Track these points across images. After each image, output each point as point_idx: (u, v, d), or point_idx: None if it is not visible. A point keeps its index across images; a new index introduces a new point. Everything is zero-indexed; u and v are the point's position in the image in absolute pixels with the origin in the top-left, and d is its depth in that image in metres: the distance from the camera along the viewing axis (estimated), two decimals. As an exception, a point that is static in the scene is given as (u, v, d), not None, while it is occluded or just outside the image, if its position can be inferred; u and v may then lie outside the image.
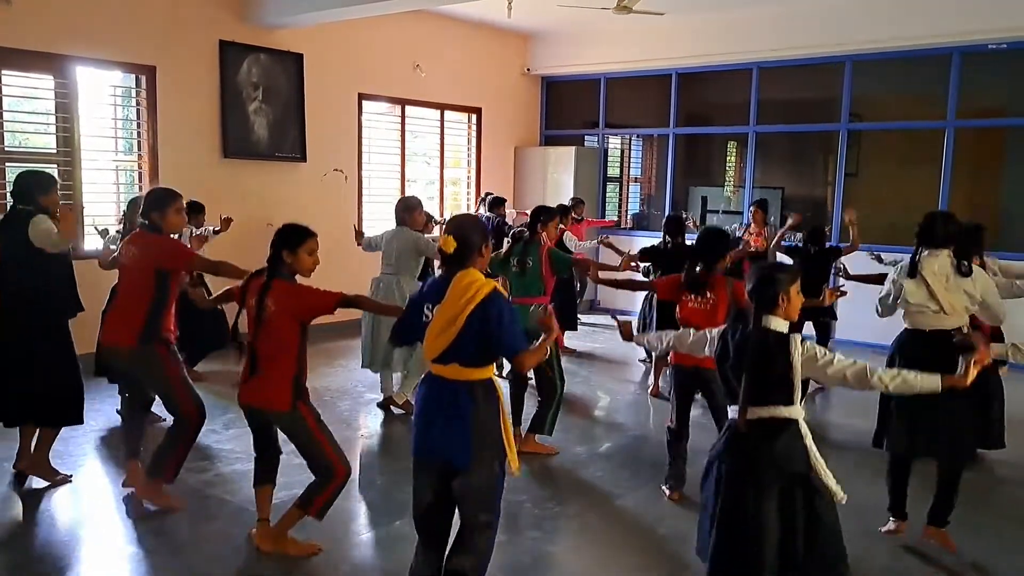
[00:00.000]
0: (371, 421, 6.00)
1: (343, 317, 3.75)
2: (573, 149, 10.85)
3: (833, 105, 9.15)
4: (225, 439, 5.26)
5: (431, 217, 7.69)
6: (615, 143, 11.74)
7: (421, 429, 2.95)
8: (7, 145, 6.65)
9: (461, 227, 2.95)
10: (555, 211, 5.69)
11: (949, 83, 8.30)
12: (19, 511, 4.27)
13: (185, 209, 4.31)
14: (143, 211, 4.13)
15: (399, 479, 4.57)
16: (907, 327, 4.08)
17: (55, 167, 6.87)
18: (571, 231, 8.14)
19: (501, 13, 7.79)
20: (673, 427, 4.55)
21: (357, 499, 4.51)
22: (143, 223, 4.13)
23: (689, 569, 3.70)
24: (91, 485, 4.63)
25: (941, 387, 2.95)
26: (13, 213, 4.36)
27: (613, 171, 11.68)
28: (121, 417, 5.62)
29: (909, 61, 8.73)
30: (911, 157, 9.55)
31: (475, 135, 10.73)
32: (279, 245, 3.58)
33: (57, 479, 4.52)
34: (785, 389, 2.91)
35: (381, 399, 6.15)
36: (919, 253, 3.95)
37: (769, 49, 9.12)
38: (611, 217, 11.33)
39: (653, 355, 7.14)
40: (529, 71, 11.14)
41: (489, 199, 9.12)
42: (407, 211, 5.99)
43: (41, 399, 4.40)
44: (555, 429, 5.29)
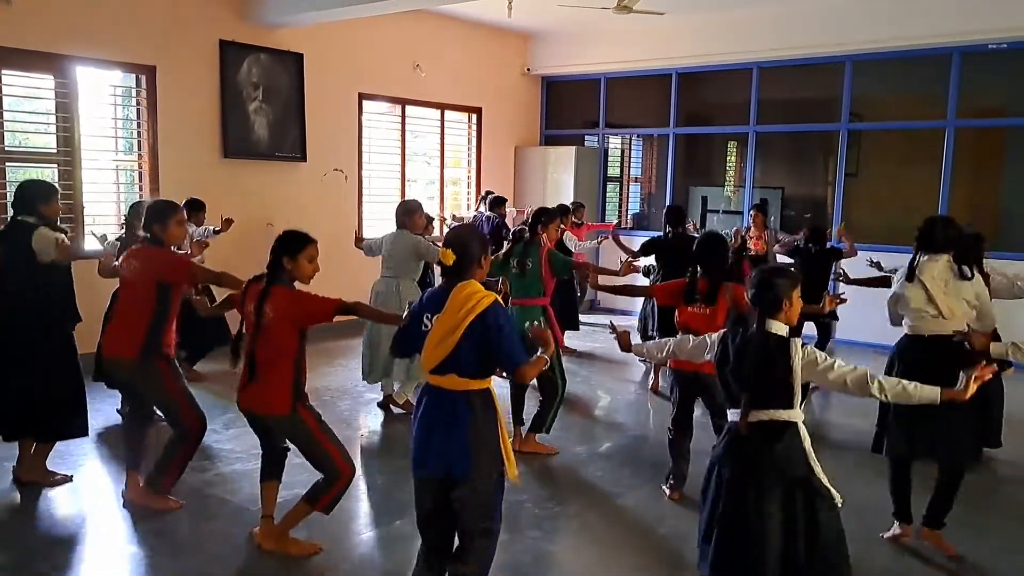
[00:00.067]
0: (371, 421, 6.00)
1: (343, 317, 3.74)
2: (573, 149, 10.85)
3: (833, 105, 9.15)
4: (225, 439, 5.27)
5: (431, 219, 7.70)
6: (615, 143, 11.74)
7: (420, 440, 2.95)
8: (7, 145, 6.64)
9: (460, 239, 2.96)
10: (555, 212, 5.68)
11: (949, 83, 8.31)
12: (19, 511, 4.27)
13: (186, 214, 4.30)
14: (145, 224, 4.12)
15: (399, 479, 4.57)
16: (907, 332, 4.08)
17: (55, 167, 6.88)
18: (571, 234, 8.15)
19: (501, 13, 7.79)
20: (674, 428, 4.55)
21: (357, 498, 4.51)
22: (145, 236, 4.13)
23: (689, 569, 3.70)
24: (91, 485, 4.63)
25: (940, 399, 2.96)
26: (15, 223, 4.36)
27: (613, 171, 11.68)
28: (121, 417, 5.64)
29: (909, 61, 8.73)
30: (911, 157, 9.54)
31: (475, 135, 10.73)
32: (279, 251, 3.57)
33: (56, 480, 4.52)
34: (785, 392, 2.92)
35: (381, 399, 6.16)
36: (918, 258, 3.94)
37: (769, 49, 9.12)
38: (611, 219, 11.33)
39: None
40: (529, 71, 11.15)
41: (490, 198, 9.12)
42: (407, 214, 5.98)
43: (42, 410, 4.39)
44: (555, 429, 5.30)
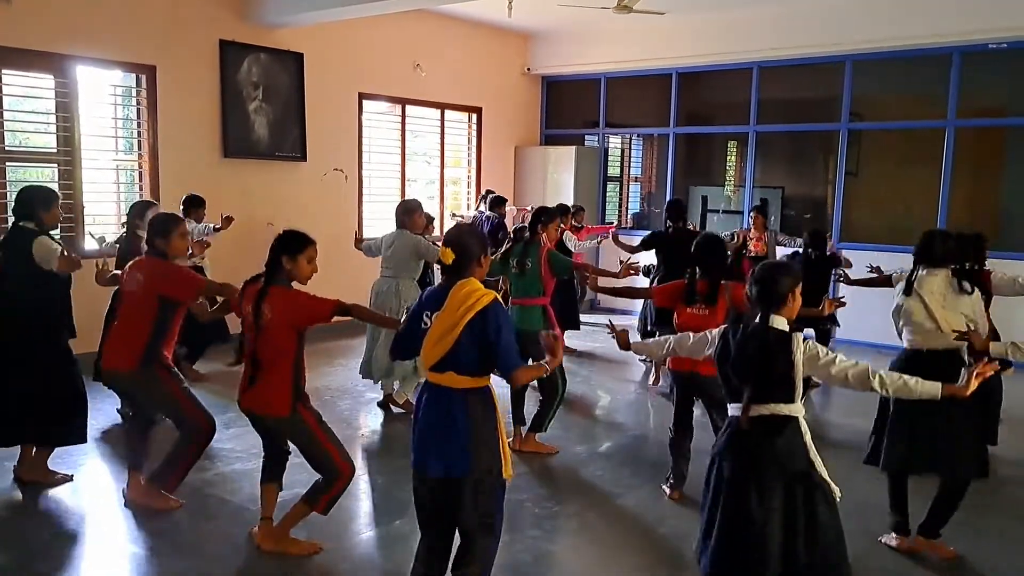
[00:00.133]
0: (371, 420, 6.00)
1: (343, 317, 3.74)
2: (573, 149, 10.85)
3: (833, 104, 9.15)
4: (225, 439, 5.26)
5: (432, 219, 7.70)
6: (615, 143, 11.74)
7: (419, 438, 2.94)
8: (7, 144, 6.64)
9: (460, 238, 2.95)
10: (555, 212, 5.68)
11: (949, 83, 8.31)
12: (20, 510, 4.27)
13: (187, 226, 4.30)
14: (148, 238, 4.12)
15: (399, 478, 4.57)
16: (906, 347, 4.05)
17: (55, 167, 6.88)
18: (571, 234, 8.14)
19: (501, 13, 7.79)
20: (674, 428, 4.55)
21: (357, 498, 4.51)
22: (147, 250, 4.12)
23: (689, 569, 3.70)
24: (92, 484, 4.63)
25: (941, 395, 2.96)
26: (16, 230, 4.36)
27: (613, 171, 11.69)
28: (121, 417, 5.64)
29: (909, 61, 8.73)
30: (911, 157, 9.54)
31: (475, 135, 10.73)
32: (279, 250, 3.57)
33: (57, 479, 4.52)
34: (786, 387, 2.93)
35: (381, 398, 6.16)
36: (917, 271, 3.93)
37: (769, 49, 9.12)
38: (611, 219, 11.33)
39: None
40: (529, 70, 11.14)
41: (490, 198, 9.12)
42: (407, 214, 5.98)
43: (40, 415, 4.39)
44: (555, 428, 5.30)
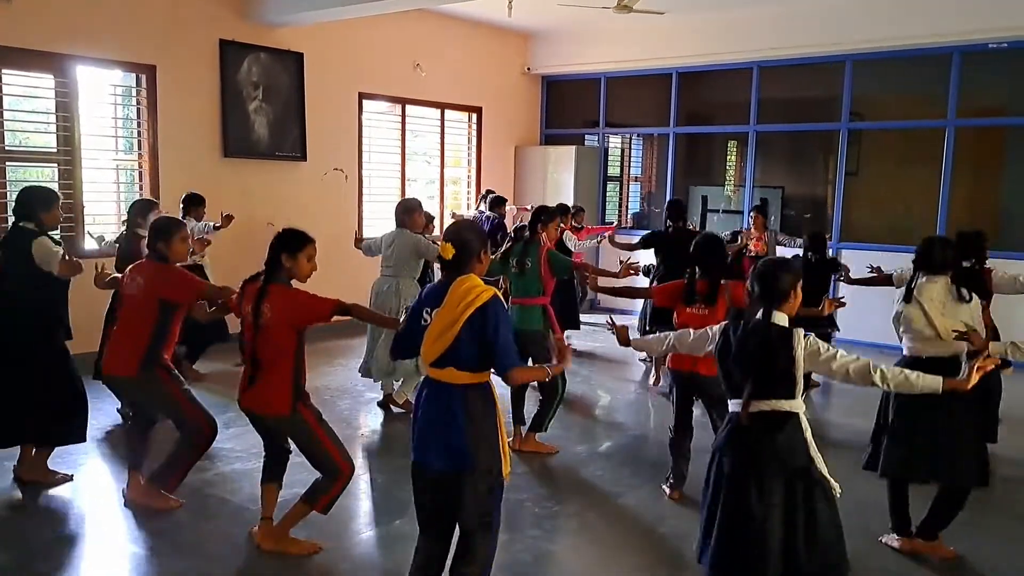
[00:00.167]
0: (371, 420, 6.00)
1: (343, 316, 3.74)
2: (573, 148, 10.85)
3: (833, 104, 9.15)
4: (225, 438, 5.25)
5: (432, 218, 7.69)
6: (615, 142, 11.74)
7: (419, 434, 2.94)
8: (7, 144, 6.64)
9: (459, 233, 2.94)
10: (555, 211, 5.68)
11: (949, 82, 8.31)
12: (20, 510, 4.27)
13: (188, 231, 4.30)
14: (149, 241, 4.12)
15: (399, 478, 4.57)
16: (905, 354, 4.04)
17: (55, 166, 6.88)
18: (571, 234, 8.14)
19: (501, 12, 7.79)
20: (674, 428, 4.55)
21: (357, 497, 4.52)
22: (148, 253, 4.12)
23: (689, 568, 3.70)
24: (92, 484, 4.63)
25: (942, 389, 2.97)
26: (16, 231, 4.36)
27: (613, 170, 11.68)
28: (121, 416, 5.64)
29: (909, 60, 8.73)
30: (911, 156, 9.54)
31: (475, 134, 10.73)
32: (278, 249, 3.57)
33: (56, 479, 4.52)
34: (787, 383, 2.93)
35: (381, 398, 6.16)
36: (916, 279, 3.93)
37: (769, 48, 9.12)
38: (611, 219, 11.32)
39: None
40: (529, 70, 11.14)
41: (490, 198, 9.11)
42: (407, 213, 5.98)
43: (39, 415, 4.39)
44: (555, 428, 5.30)
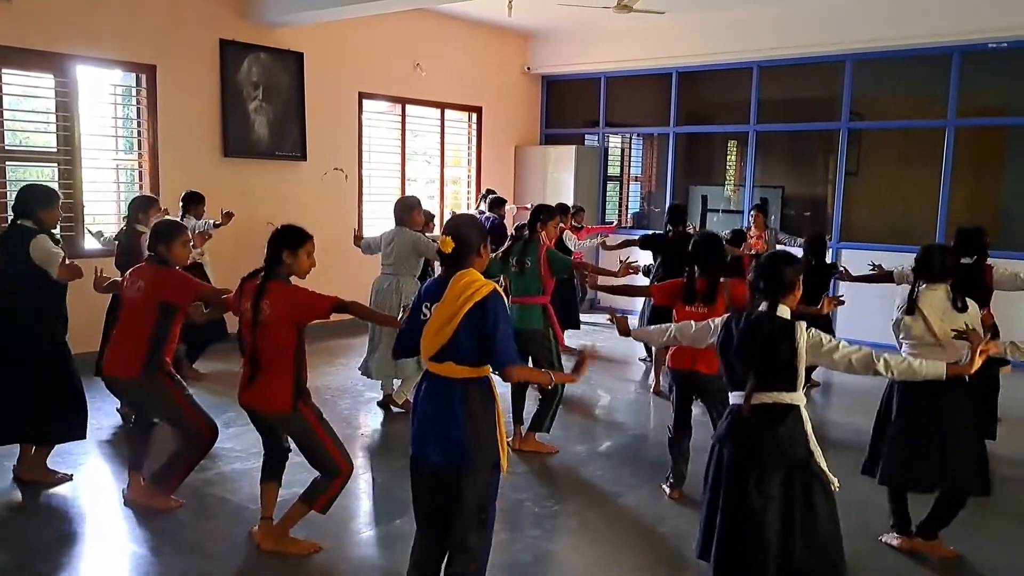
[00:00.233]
0: (371, 420, 6.00)
1: (344, 316, 3.74)
2: (573, 148, 10.85)
3: (833, 104, 9.15)
4: (225, 438, 5.24)
5: (432, 216, 7.69)
6: (615, 142, 11.74)
7: (419, 428, 2.94)
8: (7, 144, 6.64)
9: (459, 227, 2.93)
10: (555, 210, 5.68)
11: (949, 82, 8.31)
12: (20, 510, 4.27)
13: (189, 235, 4.30)
14: (150, 244, 4.12)
15: (399, 477, 4.57)
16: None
17: (55, 166, 6.88)
18: (571, 234, 8.14)
19: (501, 12, 7.79)
20: (674, 428, 4.55)
21: (357, 497, 4.52)
22: (149, 255, 4.12)
23: (689, 568, 3.70)
24: (92, 484, 4.63)
25: (946, 374, 3.02)
26: (14, 228, 4.36)
27: (613, 170, 11.68)
28: (121, 416, 5.64)
29: (909, 60, 8.72)
30: (911, 156, 9.54)
31: (475, 134, 10.73)
32: (280, 245, 3.57)
33: (56, 479, 4.52)
34: (789, 375, 2.95)
35: (381, 398, 6.16)
36: (917, 288, 3.94)
37: (770, 48, 9.11)
38: (611, 219, 11.32)
39: (654, 353, 7.15)
40: (529, 70, 11.14)
41: (490, 198, 9.11)
42: (406, 211, 5.98)
43: (39, 414, 4.39)
44: (555, 427, 5.30)
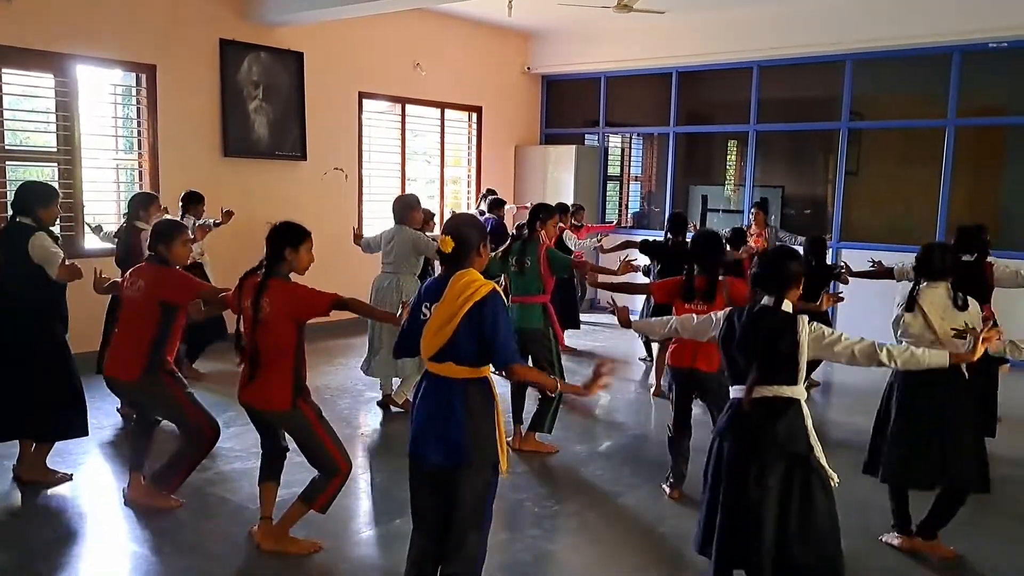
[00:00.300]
0: (371, 419, 6.00)
1: (343, 316, 3.75)
2: (573, 148, 10.85)
3: (834, 104, 9.14)
4: (225, 438, 5.22)
5: (432, 215, 7.69)
6: (615, 142, 11.73)
7: (418, 427, 2.94)
8: (7, 144, 6.64)
9: (458, 226, 2.93)
10: (554, 209, 5.68)
11: (950, 82, 8.30)
12: (20, 509, 4.27)
13: (190, 234, 4.30)
14: (150, 244, 4.12)
15: (398, 477, 4.56)
16: None
17: (55, 166, 6.88)
18: (571, 233, 8.14)
19: (501, 12, 7.79)
20: (674, 427, 4.55)
21: (357, 497, 4.52)
22: (150, 255, 4.12)
23: (689, 568, 3.70)
24: (92, 483, 4.63)
25: (949, 362, 3.07)
26: (12, 226, 4.36)
27: (613, 170, 11.68)
28: (121, 416, 5.64)
29: (909, 60, 8.72)
30: (911, 156, 9.53)
31: (475, 134, 10.73)
32: (282, 242, 3.57)
33: (56, 478, 4.52)
34: (790, 368, 2.96)
35: (380, 397, 6.16)
36: (918, 286, 3.94)
37: (770, 48, 9.11)
38: (611, 218, 11.32)
39: (654, 353, 7.15)
40: (529, 70, 11.14)
41: (490, 199, 9.10)
42: (405, 209, 5.98)
43: (39, 411, 4.39)
44: (555, 427, 5.29)
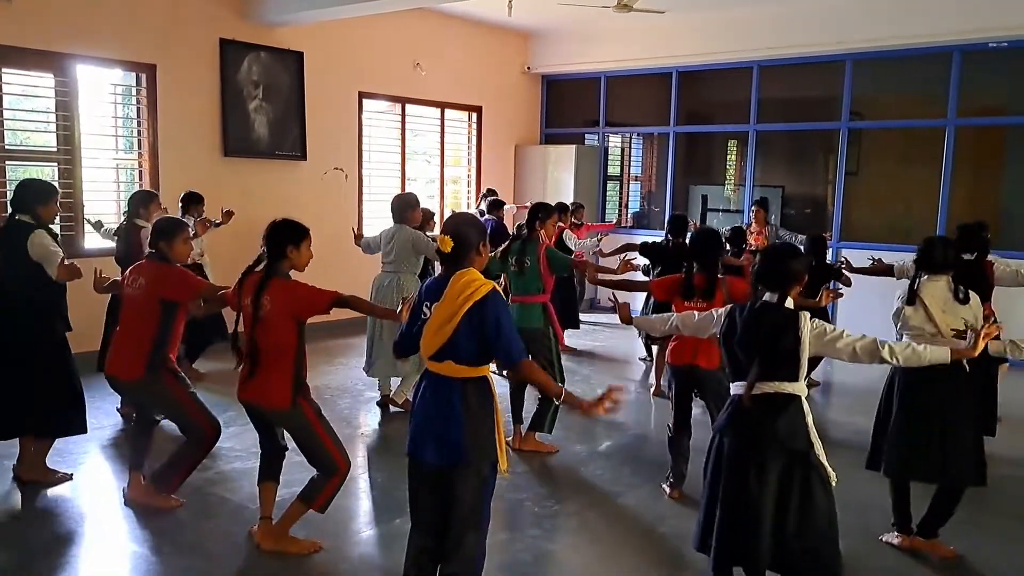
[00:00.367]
0: (371, 419, 6.00)
1: (343, 316, 3.75)
2: (573, 148, 10.85)
3: (833, 103, 9.14)
4: (225, 437, 5.21)
5: (431, 215, 7.69)
6: (615, 142, 11.73)
7: (417, 426, 2.94)
8: (7, 143, 6.64)
9: (458, 226, 2.93)
10: (553, 209, 5.68)
11: (949, 82, 8.31)
12: (20, 509, 4.27)
13: (190, 232, 4.30)
14: (151, 241, 4.11)
15: (398, 477, 4.54)
16: None
17: (55, 165, 6.88)
18: (571, 232, 8.13)
19: (502, 11, 7.79)
20: (674, 427, 4.55)
21: (357, 497, 4.52)
22: (150, 252, 4.12)
23: (689, 568, 3.71)
24: (92, 483, 4.63)
25: (951, 358, 3.08)
26: (12, 223, 4.36)
27: (613, 170, 11.68)
28: (121, 416, 5.64)
29: (909, 60, 8.72)
30: (911, 156, 9.54)
31: (475, 133, 10.73)
32: (284, 240, 3.57)
33: (56, 478, 4.52)
34: (791, 365, 2.96)
35: (380, 397, 6.16)
36: (918, 279, 3.94)
37: (769, 47, 9.12)
38: (611, 218, 11.31)
39: (654, 353, 7.15)
40: (529, 69, 11.14)
41: (489, 201, 9.08)
42: (405, 208, 5.98)
43: (39, 409, 4.39)
44: (555, 427, 5.29)
